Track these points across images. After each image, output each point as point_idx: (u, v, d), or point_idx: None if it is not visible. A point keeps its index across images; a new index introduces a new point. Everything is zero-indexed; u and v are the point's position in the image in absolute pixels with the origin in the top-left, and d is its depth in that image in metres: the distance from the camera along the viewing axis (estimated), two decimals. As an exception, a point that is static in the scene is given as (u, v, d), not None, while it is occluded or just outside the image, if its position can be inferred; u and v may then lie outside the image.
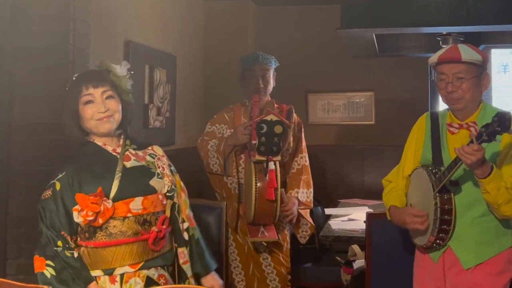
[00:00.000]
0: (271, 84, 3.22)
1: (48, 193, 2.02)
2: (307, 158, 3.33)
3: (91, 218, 1.96)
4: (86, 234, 2.02)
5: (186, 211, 2.21)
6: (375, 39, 4.04)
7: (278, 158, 2.90)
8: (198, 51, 4.60)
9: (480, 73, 2.20)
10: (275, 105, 3.21)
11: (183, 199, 2.21)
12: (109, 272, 2.01)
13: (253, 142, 2.91)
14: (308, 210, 3.29)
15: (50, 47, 2.68)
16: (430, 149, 2.28)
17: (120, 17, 3.27)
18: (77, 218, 1.97)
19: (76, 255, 2.00)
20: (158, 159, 2.17)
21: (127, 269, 2.02)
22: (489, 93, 4.49)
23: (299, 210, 3.20)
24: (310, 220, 3.26)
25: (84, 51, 2.79)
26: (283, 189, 3.09)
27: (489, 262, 2.17)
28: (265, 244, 3.11)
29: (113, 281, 2.01)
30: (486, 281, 2.16)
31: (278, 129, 2.88)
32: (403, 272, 2.49)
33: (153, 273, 2.06)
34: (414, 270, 2.39)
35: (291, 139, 3.21)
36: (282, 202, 3.04)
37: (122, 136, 2.15)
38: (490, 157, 2.10)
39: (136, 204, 2.04)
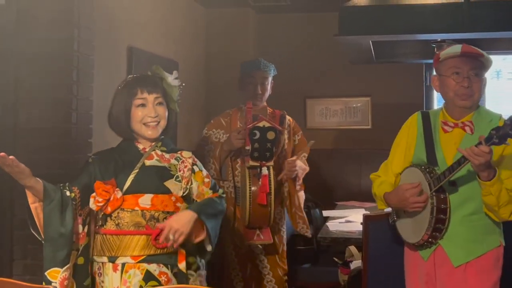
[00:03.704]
0: (268, 91, 3.31)
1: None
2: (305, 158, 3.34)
3: (101, 204, 2.10)
4: (100, 222, 2.17)
5: (208, 194, 2.29)
6: (371, 46, 4.10)
7: (271, 163, 2.97)
8: (199, 57, 4.66)
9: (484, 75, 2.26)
10: (269, 111, 3.27)
11: (204, 190, 2.28)
12: (113, 260, 2.14)
13: (247, 148, 2.97)
14: (303, 205, 3.30)
15: (55, 53, 2.72)
16: (423, 148, 2.28)
17: (123, 24, 3.32)
18: (91, 204, 2.12)
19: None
20: (182, 162, 2.26)
21: (128, 259, 2.12)
22: (483, 98, 4.51)
23: (297, 208, 3.25)
24: (301, 212, 3.27)
25: (88, 57, 2.84)
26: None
27: (478, 260, 2.20)
28: (260, 246, 3.20)
29: (115, 269, 2.13)
30: (476, 279, 2.19)
31: (270, 135, 2.95)
32: (399, 272, 2.50)
33: (154, 268, 2.13)
34: (405, 269, 2.41)
35: (286, 141, 3.28)
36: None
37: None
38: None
39: (145, 200, 2.15)
